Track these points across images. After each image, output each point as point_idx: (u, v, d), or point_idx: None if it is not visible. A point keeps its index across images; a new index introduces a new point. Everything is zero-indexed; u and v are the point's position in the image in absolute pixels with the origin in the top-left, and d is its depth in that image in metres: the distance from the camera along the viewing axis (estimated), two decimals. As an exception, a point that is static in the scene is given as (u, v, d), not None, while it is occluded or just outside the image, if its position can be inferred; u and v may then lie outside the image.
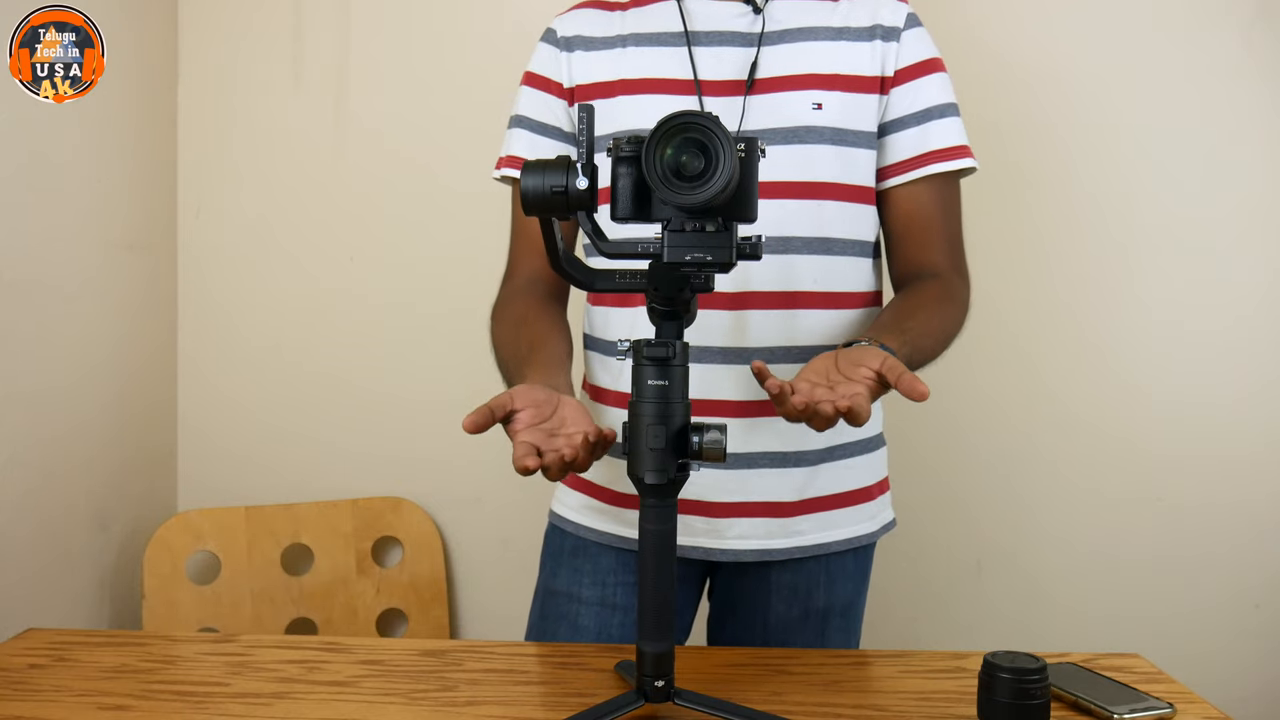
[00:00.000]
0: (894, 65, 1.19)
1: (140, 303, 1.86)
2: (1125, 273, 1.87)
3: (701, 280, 0.86)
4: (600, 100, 1.19)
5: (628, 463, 0.87)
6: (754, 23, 1.19)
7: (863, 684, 1.04)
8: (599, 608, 1.22)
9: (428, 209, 1.93)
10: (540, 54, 1.26)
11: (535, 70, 1.26)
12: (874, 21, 1.19)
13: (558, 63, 1.24)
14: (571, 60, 1.23)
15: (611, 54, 1.21)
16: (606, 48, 1.22)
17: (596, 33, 1.23)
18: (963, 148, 1.21)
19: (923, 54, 1.21)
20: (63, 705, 0.95)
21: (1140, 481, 1.88)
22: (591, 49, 1.22)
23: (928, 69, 1.20)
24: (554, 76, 1.24)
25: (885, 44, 1.19)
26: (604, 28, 1.23)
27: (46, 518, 1.61)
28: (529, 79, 1.26)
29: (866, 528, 1.24)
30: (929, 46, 1.22)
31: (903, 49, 1.19)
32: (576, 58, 1.23)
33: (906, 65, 1.20)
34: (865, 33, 1.19)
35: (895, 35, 1.19)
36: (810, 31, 1.19)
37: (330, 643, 1.12)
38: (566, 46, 1.23)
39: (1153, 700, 0.96)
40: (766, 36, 1.18)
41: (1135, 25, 1.84)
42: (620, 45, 1.21)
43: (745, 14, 1.19)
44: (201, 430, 1.98)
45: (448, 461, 1.95)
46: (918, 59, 1.20)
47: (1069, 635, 1.82)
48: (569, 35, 1.24)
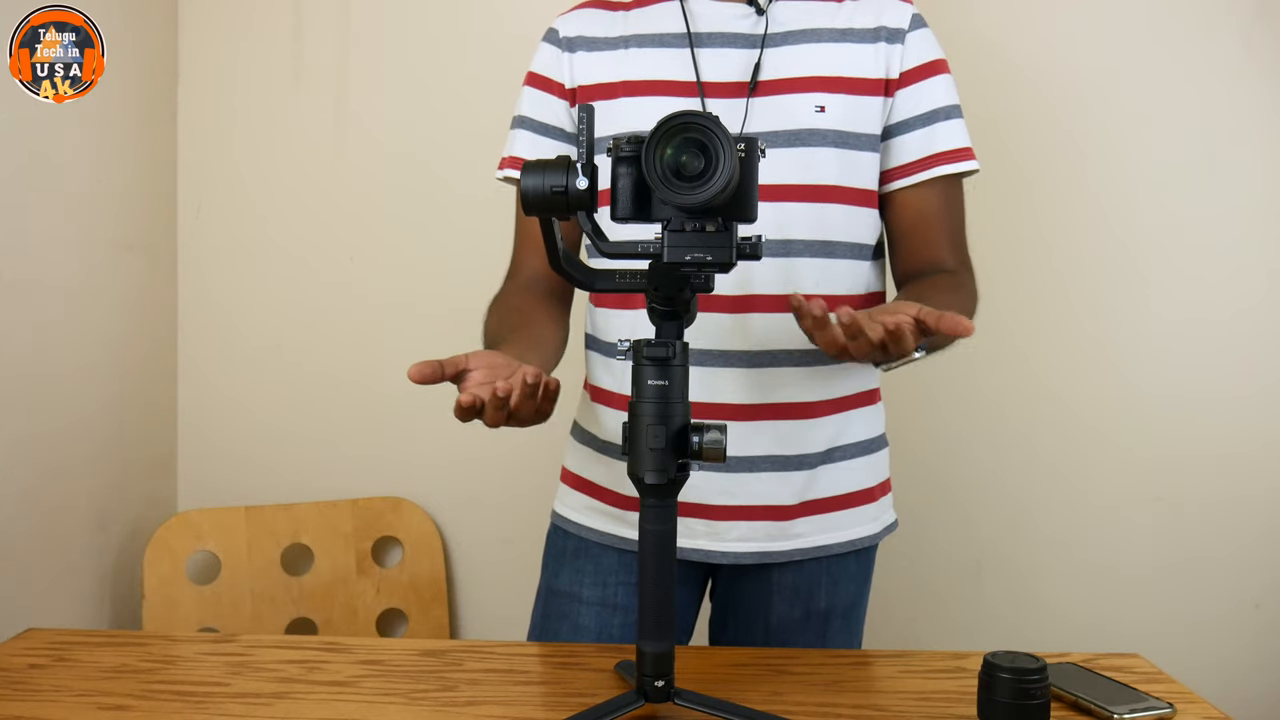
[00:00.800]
0: (899, 67, 1.19)
1: (140, 302, 1.86)
2: (1125, 273, 1.87)
3: (701, 280, 0.86)
4: (602, 101, 1.19)
5: (628, 463, 0.87)
6: (756, 24, 1.18)
7: (863, 684, 1.04)
8: (600, 608, 1.22)
9: (428, 208, 1.93)
10: (542, 54, 1.25)
11: (537, 70, 1.25)
12: (878, 23, 1.19)
13: (559, 63, 1.23)
14: (574, 61, 1.22)
15: (614, 55, 1.21)
16: (609, 48, 1.21)
17: (599, 33, 1.23)
18: (967, 150, 1.21)
19: (928, 55, 1.20)
20: (63, 705, 0.95)
21: (1140, 482, 1.88)
22: (594, 49, 1.22)
23: (933, 70, 1.20)
24: (556, 77, 1.23)
25: (890, 46, 1.19)
26: (606, 28, 1.23)
27: (46, 518, 1.61)
28: (531, 79, 1.26)
29: (867, 530, 1.24)
30: (934, 48, 1.21)
31: (908, 51, 1.19)
32: (579, 58, 1.22)
33: (912, 67, 1.19)
34: (869, 34, 1.19)
35: (900, 37, 1.19)
36: (813, 33, 1.18)
37: (330, 643, 1.12)
38: (569, 47, 1.23)
39: (1153, 700, 0.96)
40: (770, 38, 1.17)
41: (1135, 25, 1.84)
42: (623, 46, 1.21)
43: (748, 15, 1.19)
44: (201, 430, 1.98)
45: (448, 461, 1.95)
46: (923, 60, 1.20)
47: (1069, 636, 1.82)
48: (571, 36, 1.23)
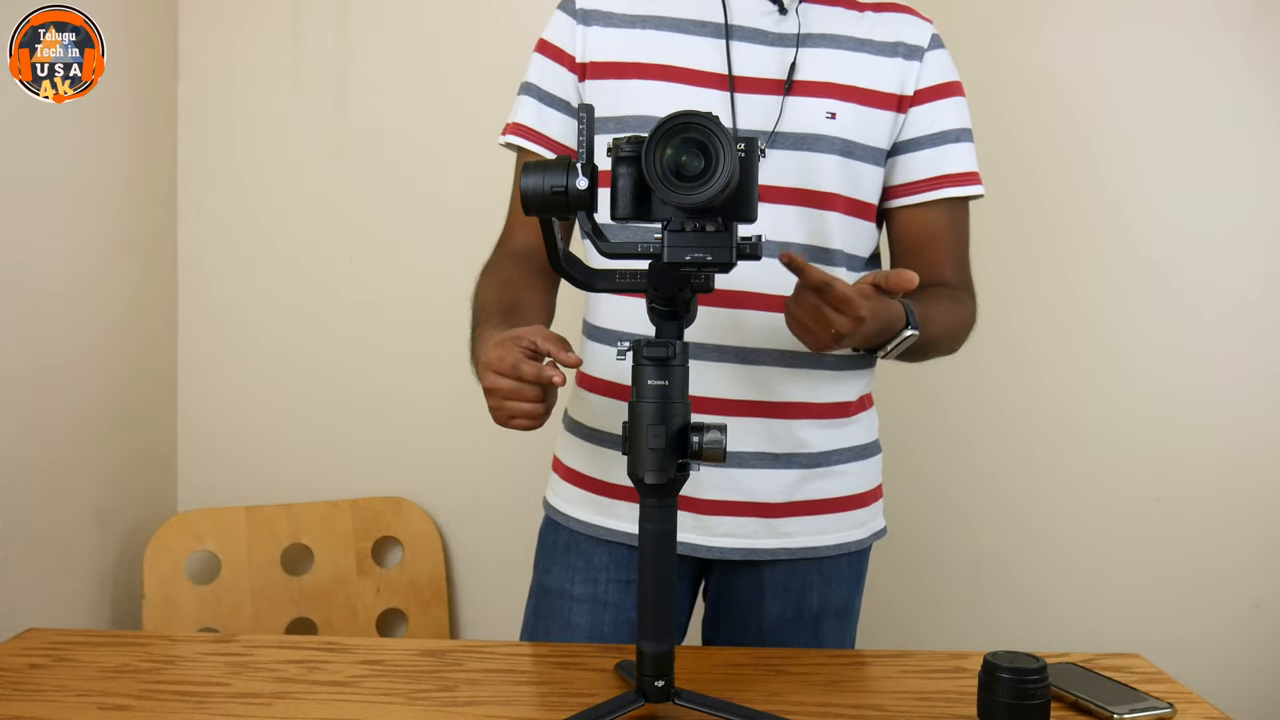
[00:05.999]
0: (914, 85, 1.19)
1: (140, 303, 1.86)
2: (1124, 274, 1.87)
3: (701, 280, 0.86)
4: (613, 80, 1.17)
5: (628, 462, 0.87)
6: (779, 22, 1.17)
7: (862, 684, 1.04)
8: (591, 605, 1.22)
9: (427, 209, 1.93)
10: (556, 22, 1.22)
11: (549, 39, 1.23)
12: (897, 39, 1.19)
13: (573, 35, 1.20)
14: (588, 34, 1.20)
15: (630, 33, 1.18)
16: (626, 25, 1.19)
17: (617, 9, 1.19)
18: (975, 174, 1.22)
19: (944, 76, 1.20)
20: (63, 705, 0.95)
21: (1139, 482, 1.88)
22: (610, 25, 1.19)
23: (948, 92, 1.20)
24: (567, 48, 1.21)
25: (907, 62, 1.18)
26: (626, 4, 1.20)
27: (46, 518, 1.61)
28: (542, 46, 1.23)
29: (857, 535, 1.24)
30: (951, 69, 1.21)
31: (925, 69, 1.19)
32: (593, 32, 1.19)
33: (928, 86, 1.19)
34: (888, 48, 1.18)
35: (919, 54, 1.19)
36: (834, 39, 1.18)
37: (330, 643, 1.12)
38: (584, 20, 1.20)
39: (1153, 700, 0.96)
40: (792, 39, 1.16)
41: (1135, 25, 1.84)
42: (640, 25, 1.18)
43: (771, 12, 1.17)
44: (202, 430, 1.98)
45: (448, 461, 1.95)
46: (939, 80, 1.20)
47: (1069, 636, 1.82)
48: (588, 8, 1.20)
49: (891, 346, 1.07)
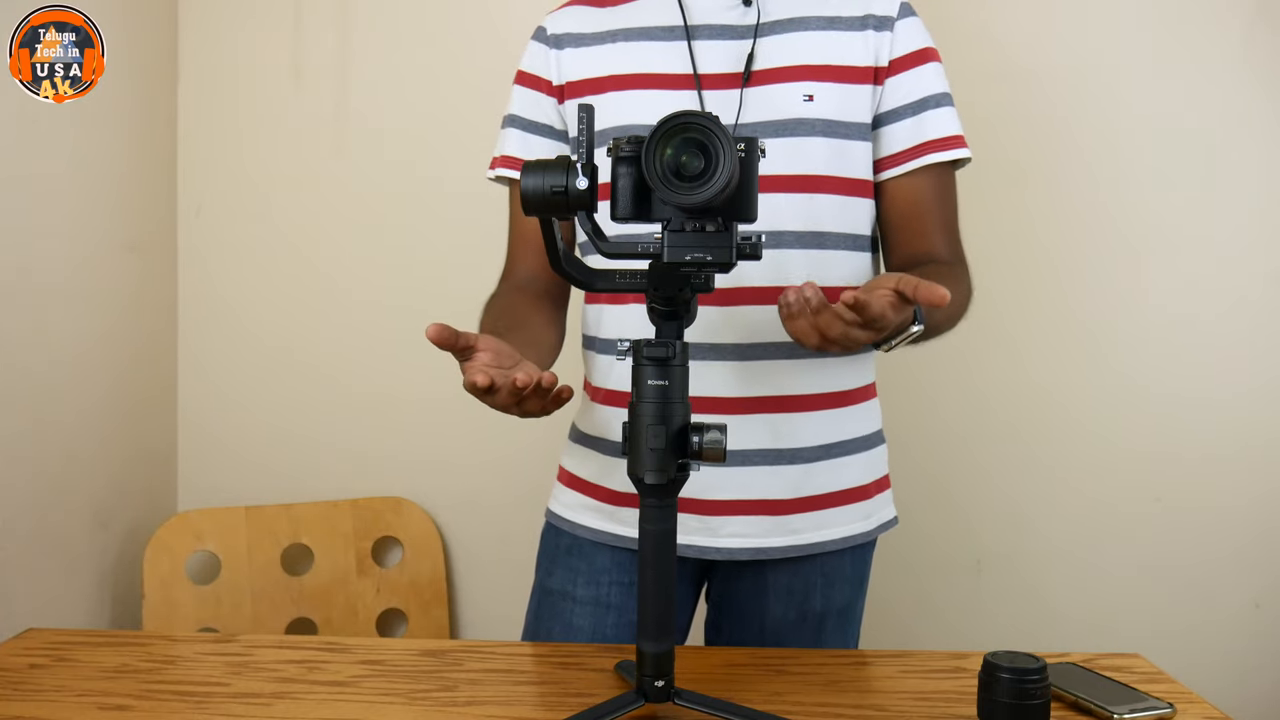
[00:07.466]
0: (888, 55, 1.18)
1: (140, 302, 1.86)
2: (1123, 272, 1.87)
3: (701, 280, 0.86)
4: (591, 96, 1.19)
5: (628, 463, 0.87)
6: (744, 14, 1.18)
7: (862, 684, 1.04)
8: (593, 607, 1.22)
9: (428, 209, 1.93)
10: (531, 51, 1.26)
11: (525, 69, 1.26)
12: (866, 11, 1.19)
13: (547, 60, 1.24)
14: (561, 58, 1.23)
15: (601, 49, 1.21)
16: (597, 43, 1.22)
17: (587, 29, 1.23)
18: (958, 138, 1.21)
19: (917, 43, 1.20)
20: (63, 705, 0.95)
21: (1139, 482, 1.88)
22: (581, 45, 1.22)
23: (923, 58, 1.20)
24: (543, 74, 1.24)
25: (878, 34, 1.18)
26: (595, 24, 1.23)
27: (46, 517, 1.61)
28: (520, 78, 1.26)
29: (863, 526, 1.23)
30: (923, 36, 1.21)
31: (896, 39, 1.19)
32: (566, 55, 1.23)
33: (901, 55, 1.19)
34: (857, 22, 1.18)
35: (889, 25, 1.19)
36: (801, 22, 1.18)
37: (330, 643, 1.12)
38: (556, 44, 1.23)
39: (1153, 700, 0.96)
40: (759, 28, 1.17)
41: (1135, 23, 1.84)
42: (610, 40, 1.21)
43: (735, 6, 1.18)
44: (202, 430, 1.98)
45: (448, 461, 1.95)
46: (912, 48, 1.20)
47: (1068, 635, 1.82)
48: (559, 33, 1.24)
49: (896, 342, 1.07)
